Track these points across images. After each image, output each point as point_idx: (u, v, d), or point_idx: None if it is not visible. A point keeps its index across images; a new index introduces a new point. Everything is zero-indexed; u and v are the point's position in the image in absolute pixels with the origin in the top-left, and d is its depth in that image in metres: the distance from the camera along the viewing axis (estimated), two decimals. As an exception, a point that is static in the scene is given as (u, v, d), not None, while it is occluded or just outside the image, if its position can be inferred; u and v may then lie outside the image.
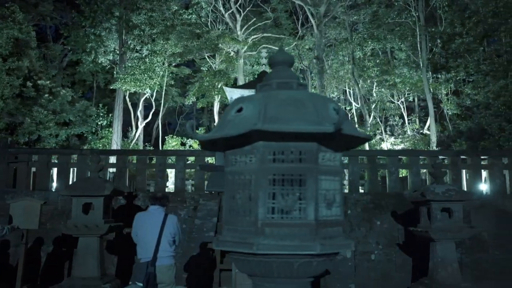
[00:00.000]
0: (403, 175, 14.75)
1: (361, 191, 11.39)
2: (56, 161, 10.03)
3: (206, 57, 26.38)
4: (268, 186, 1.97)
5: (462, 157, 10.07)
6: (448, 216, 7.17)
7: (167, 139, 24.91)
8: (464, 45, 16.38)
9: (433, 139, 21.93)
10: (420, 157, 10.24)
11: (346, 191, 9.90)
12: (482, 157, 9.88)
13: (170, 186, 15.14)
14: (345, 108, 28.27)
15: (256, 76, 21.10)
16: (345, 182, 10.57)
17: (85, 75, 27.29)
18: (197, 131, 26.28)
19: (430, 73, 22.02)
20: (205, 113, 34.98)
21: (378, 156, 10.45)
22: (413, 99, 27.71)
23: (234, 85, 21.82)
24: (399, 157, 10.55)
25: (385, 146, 24.94)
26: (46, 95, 19.92)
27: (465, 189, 9.98)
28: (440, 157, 10.17)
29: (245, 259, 2.02)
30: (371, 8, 24.91)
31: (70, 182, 9.90)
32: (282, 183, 1.97)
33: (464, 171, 10.65)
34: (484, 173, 10.77)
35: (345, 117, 2.08)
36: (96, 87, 29.75)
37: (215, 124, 27.02)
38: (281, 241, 1.91)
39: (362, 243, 9.16)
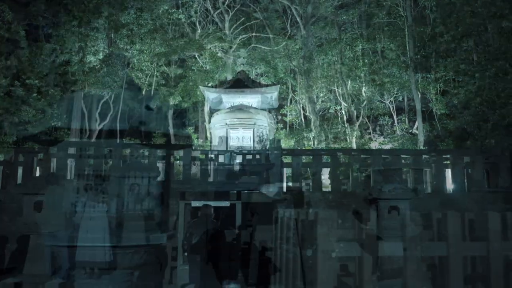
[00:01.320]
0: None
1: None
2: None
3: (197, 57, 26.42)
4: (78, 182, 2.05)
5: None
6: (397, 214, 7.20)
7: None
8: (443, 45, 16.37)
9: (421, 138, 21.94)
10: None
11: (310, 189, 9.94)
12: (444, 156, 9.93)
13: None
14: (334, 108, 28.25)
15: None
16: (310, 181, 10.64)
17: (77, 75, 27.39)
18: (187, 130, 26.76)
19: (419, 73, 21.99)
20: (198, 112, 34.99)
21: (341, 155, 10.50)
22: (403, 98, 27.66)
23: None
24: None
25: (374, 145, 24.90)
26: (35, 94, 20.07)
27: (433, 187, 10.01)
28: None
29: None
30: (360, 8, 24.87)
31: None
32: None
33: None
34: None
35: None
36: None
37: (204, 123, 27.24)
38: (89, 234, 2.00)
39: (323, 241, 9.19)
